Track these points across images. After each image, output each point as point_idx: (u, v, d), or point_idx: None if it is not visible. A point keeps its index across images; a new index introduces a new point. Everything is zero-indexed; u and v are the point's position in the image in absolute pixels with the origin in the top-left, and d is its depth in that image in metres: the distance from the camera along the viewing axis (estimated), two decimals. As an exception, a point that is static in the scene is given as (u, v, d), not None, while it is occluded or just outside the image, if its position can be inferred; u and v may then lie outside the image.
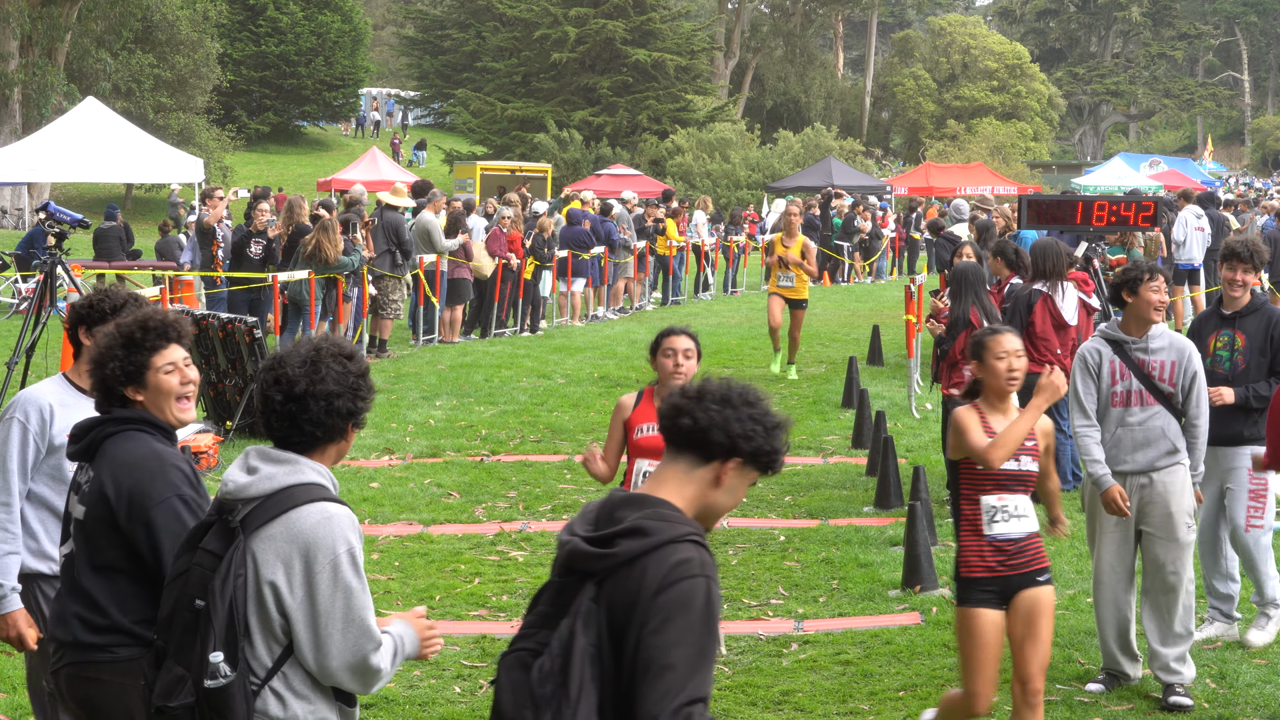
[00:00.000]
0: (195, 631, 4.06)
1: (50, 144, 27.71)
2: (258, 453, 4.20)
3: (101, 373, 4.89)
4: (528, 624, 3.77)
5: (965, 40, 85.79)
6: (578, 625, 3.62)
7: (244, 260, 19.84)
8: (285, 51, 63.99)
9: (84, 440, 4.88)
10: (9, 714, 7.60)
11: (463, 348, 22.20)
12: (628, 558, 3.64)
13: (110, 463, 4.81)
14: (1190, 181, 57.37)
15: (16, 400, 5.68)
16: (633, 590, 3.61)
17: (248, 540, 4.08)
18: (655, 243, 30.65)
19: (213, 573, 4.07)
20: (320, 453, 4.22)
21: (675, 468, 3.82)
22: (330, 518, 4.11)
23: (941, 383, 11.99)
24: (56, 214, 14.94)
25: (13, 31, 42.38)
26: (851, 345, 22.10)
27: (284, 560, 4.06)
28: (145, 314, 5.01)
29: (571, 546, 3.72)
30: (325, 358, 4.21)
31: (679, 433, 3.80)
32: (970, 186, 53.76)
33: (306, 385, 4.15)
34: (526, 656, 3.69)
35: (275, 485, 4.11)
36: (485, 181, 46.42)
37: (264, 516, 4.08)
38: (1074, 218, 14.67)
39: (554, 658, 3.61)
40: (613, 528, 3.70)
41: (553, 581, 3.79)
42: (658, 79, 63.22)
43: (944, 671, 8.26)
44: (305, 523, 4.08)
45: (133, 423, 4.88)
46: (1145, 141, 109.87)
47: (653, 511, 3.70)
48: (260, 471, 4.14)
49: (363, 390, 4.25)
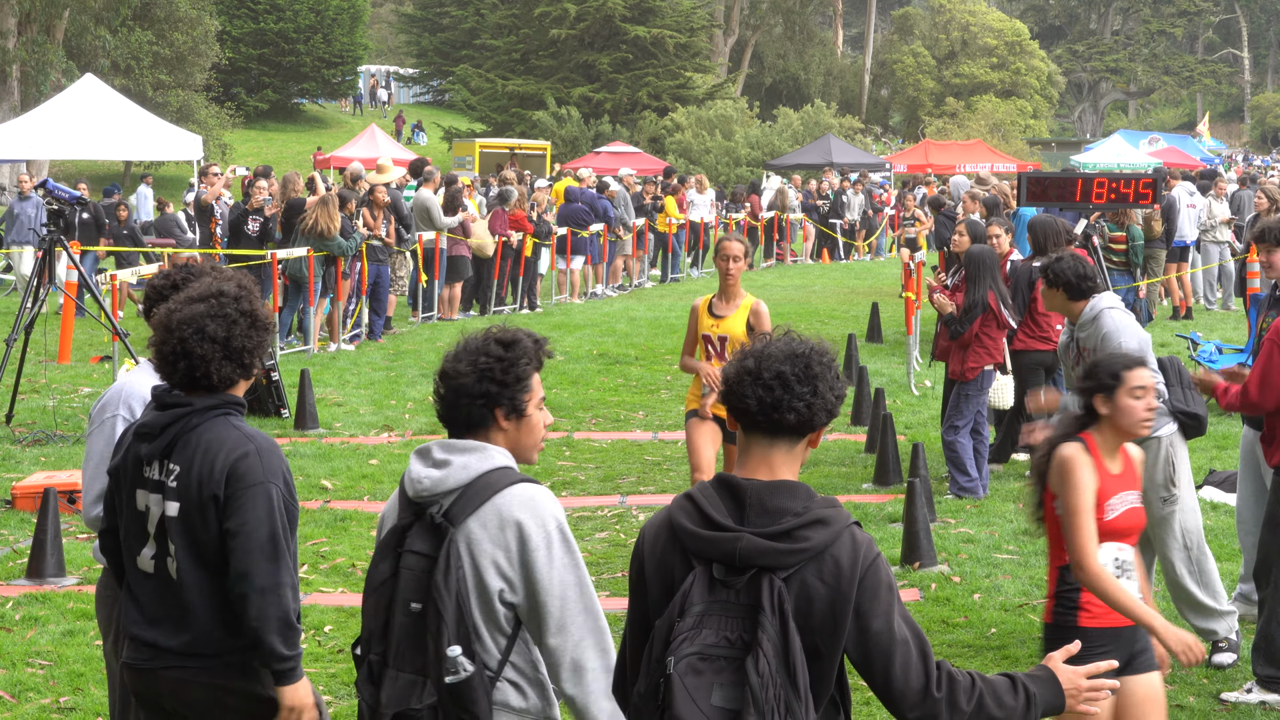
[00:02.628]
0: (421, 633, 3.97)
1: (49, 121, 27.70)
2: (441, 446, 4.13)
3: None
4: (682, 628, 3.60)
5: (965, 17, 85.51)
6: (789, 624, 3.56)
7: (242, 238, 19.82)
8: (284, 29, 63.80)
9: (163, 436, 4.71)
10: (9, 690, 7.62)
11: (462, 324, 22.18)
12: (819, 550, 3.63)
13: (205, 452, 4.64)
14: (1189, 159, 57.42)
15: (116, 395, 5.50)
16: (829, 582, 3.61)
17: (458, 531, 4.01)
18: (654, 220, 30.63)
19: (425, 573, 3.98)
20: (480, 436, 4.16)
21: (778, 448, 3.77)
22: (534, 498, 4.06)
23: (951, 366, 11.94)
24: (54, 191, 14.92)
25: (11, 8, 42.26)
26: (850, 322, 22.10)
27: (501, 546, 4.01)
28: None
29: (747, 543, 3.60)
30: (472, 345, 4.21)
31: (783, 426, 3.74)
32: (970, 164, 53.67)
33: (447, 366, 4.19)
34: (697, 661, 3.56)
35: (471, 474, 4.06)
36: (484, 159, 46.37)
37: (470, 506, 4.02)
38: (1073, 195, 14.67)
39: (771, 658, 3.52)
40: (784, 519, 3.64)
41: (695, 580, 3.65)
42: (657, 56, 63.07)
43: (943, 648, 8.27)
44: (513, 505, 4.03)
45: (217, 409, 4.73)
46: (1145, 119, 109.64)
47: (820, 499, 3.71)
48: (452, 463, 4.07)
49: (497, 373, 4.17)
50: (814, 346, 3.79)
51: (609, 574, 9.82)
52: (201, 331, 4.64)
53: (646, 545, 3.83)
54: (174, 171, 47.54)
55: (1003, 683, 3.79)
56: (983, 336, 11.64)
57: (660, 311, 24.40)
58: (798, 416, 3.71)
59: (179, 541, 4.64)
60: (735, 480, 3.73)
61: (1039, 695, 3.83)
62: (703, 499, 3.72)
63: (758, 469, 3.75)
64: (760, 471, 3.75)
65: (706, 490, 3.74)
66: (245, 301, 4.74)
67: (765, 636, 3.52)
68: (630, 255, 29.90)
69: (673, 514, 3.77)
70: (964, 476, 11.72)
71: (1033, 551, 10.20)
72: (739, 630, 3.57)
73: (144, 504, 4.74)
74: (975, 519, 11.11)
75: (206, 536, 4.62)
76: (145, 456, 4.71)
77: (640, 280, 30.40)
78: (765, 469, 3.75)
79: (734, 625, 3.58)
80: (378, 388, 16.56)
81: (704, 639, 3.57)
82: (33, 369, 15.40)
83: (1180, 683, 7.81)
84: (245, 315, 4.71)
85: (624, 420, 15.21)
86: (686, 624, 3.59)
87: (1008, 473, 12.59)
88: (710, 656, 3.56)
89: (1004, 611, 8.95)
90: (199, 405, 4.69)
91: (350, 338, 19.76)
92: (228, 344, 4.67)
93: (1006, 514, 11.22)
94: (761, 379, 3.71)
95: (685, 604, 3.62)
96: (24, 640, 8.35)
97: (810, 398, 3.71)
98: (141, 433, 4.74)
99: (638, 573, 3.84)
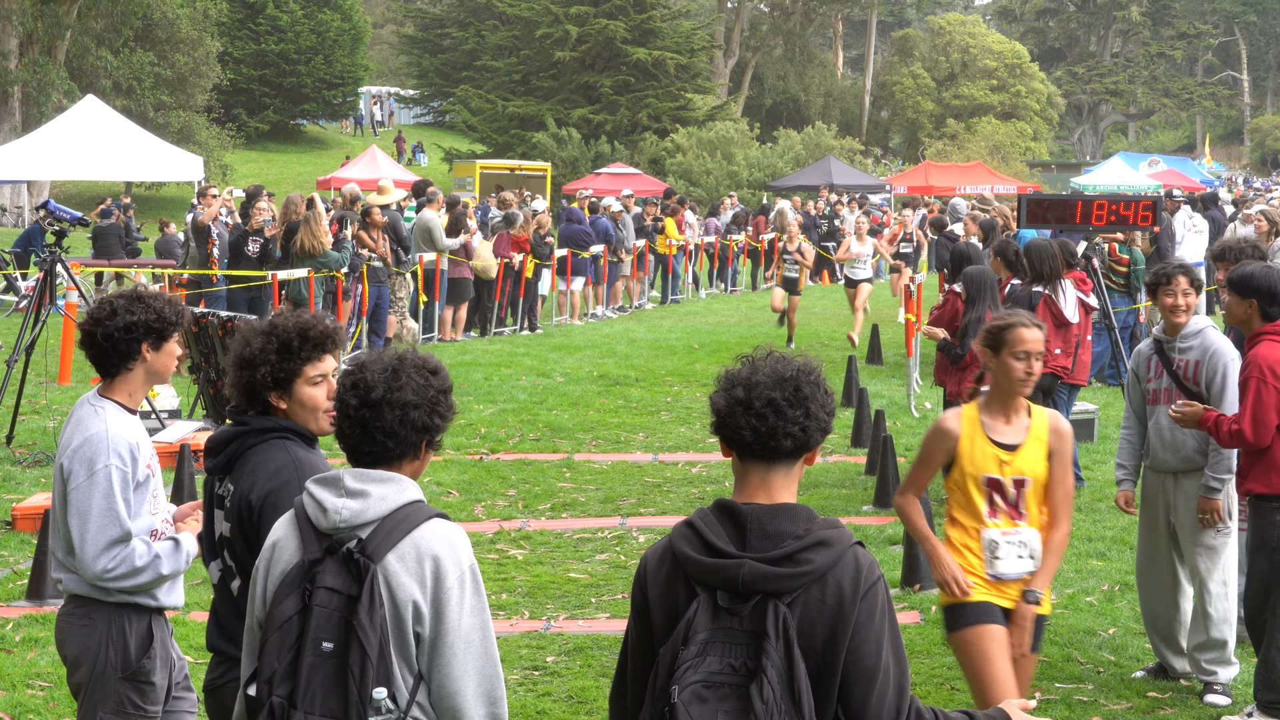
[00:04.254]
0: (335, 675, 3.79)
1: (50, 142, 27.75)
2: (354, 475, 3.97)
3: (251, 376, 4.75)
4: (686, 656, 3.58)
5: (964, 39, 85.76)
6: (794, 649, 3.55)
7: (241, 259, 19.84)
8: (285, 50, 64.00)
9: (223, 453, 4.77)
10: (9, 711, 7.61)
11: (462, 346, 22.20)
12: (822, 572, 3.62)
13: (251, 474, 4.69)
14: (1189, 181, 57.47)
15: (101, 444, 5.34)
16: (831, 604, 3.60)
17: (378, 567, 3.86)
18: (655, 241, 30.65)
19: (340, 611, 3.81)
20: (394, 467, 4.02)
21: (776, 472, 3.76)
22: (450, 536, 3.95)
23: (949, 388, 11.96)
24: (56, 212, 14.94)
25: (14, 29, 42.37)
26: (850, 344, 22.10)
27: (418, 580, 3.87)
28: (306, 321, 4.82)
29: (750, 569, 3.59)
30: (408, 368, 4.06)
31: (780, 452, 3.73)
32: (970, 186, 53.75)
33: (384, 392, 3.98)
34: (701, 689, 3.54)
35: (390, 506, 3.92)
36: (484, 180, 46.41)
37: (389, 541, 3.87)
38: (1073, 217, 14.68)
39: (775, 685, 3.50)
40: (785, 543, 3.63)
41: (699, 607, 3.63)
42: (658, 78, 63.19)
43: (944, 670, 8.27)
44: (432, 541, 3.91)
45: (273, 431, 4.75)
46: (1144, 141, 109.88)
47: (821, 520, 3.70)
48: (370, 494, 3.93)
49: (441, 407, 4.05)
50: (800, 367, 3.78)
51: (609, 595, 9.80)
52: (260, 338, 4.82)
53: (649, 573, 3.81)
54: (175, 192, 47.62)
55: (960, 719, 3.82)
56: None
57: (660, 333, 24.41)
58: (794, 441, 3.72)
59: (235, 559, 4.75)
60: (735, 505, 3.72)
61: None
62: (703, 526, 3.71)
63: (756, 493, 3.75)
64: (759, 495, 3.75)
65: (707, 517, 3.73)
66: (301, 316, 4.89)
67: (770, 663, 3.52)
68: (630, 277, 29.93)
69: (674, 541, 3.76)
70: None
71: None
72: (743, 657, 3.56)
73: (211, 521, 4.90)
74: (975, 541, 11.08)
75: (249, 559, 4.62)
76: (206, 469, 4.86)
77: (641, 302, 30.42)
78: (764, 493, 3.75)
79: (738, 652, 3.57)
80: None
81: (708, 666, 3.56)
82: (33, 390, 15.40)
83: (1180, 706, 7.81)
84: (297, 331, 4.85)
85: (624, 442, 15.20)
86: (691, 652, 3.58)
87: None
88: (715, 684, 3.55)
89: (1004, 634, 8.93)
90: (255, 426, 4.76)
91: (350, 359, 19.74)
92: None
93: (1007, 536, 11.19)
94: (754, 408, 3.71)
95: (689, 632, 3.60)
96: (24, 662, 8.34)
97: (804, 420, 3.72)
98: (209, 446, 4.86)
99: (640, 600, 3.82)
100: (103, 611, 5.38)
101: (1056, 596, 9.66)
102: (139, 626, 5.41)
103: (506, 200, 26.22)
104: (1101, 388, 17.96)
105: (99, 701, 5.37)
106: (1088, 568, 10.37)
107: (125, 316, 5.40)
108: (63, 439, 5.53)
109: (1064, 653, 8.63)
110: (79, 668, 5.40)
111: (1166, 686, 8.13)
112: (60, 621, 5.51)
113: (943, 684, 8.08)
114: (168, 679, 5.50)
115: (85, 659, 5.38)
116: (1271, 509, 7.42)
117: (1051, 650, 8.63)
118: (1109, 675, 8.31)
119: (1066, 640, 8.83)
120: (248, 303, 19.37)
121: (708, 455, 14.46)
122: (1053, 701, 7.86)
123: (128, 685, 5.39)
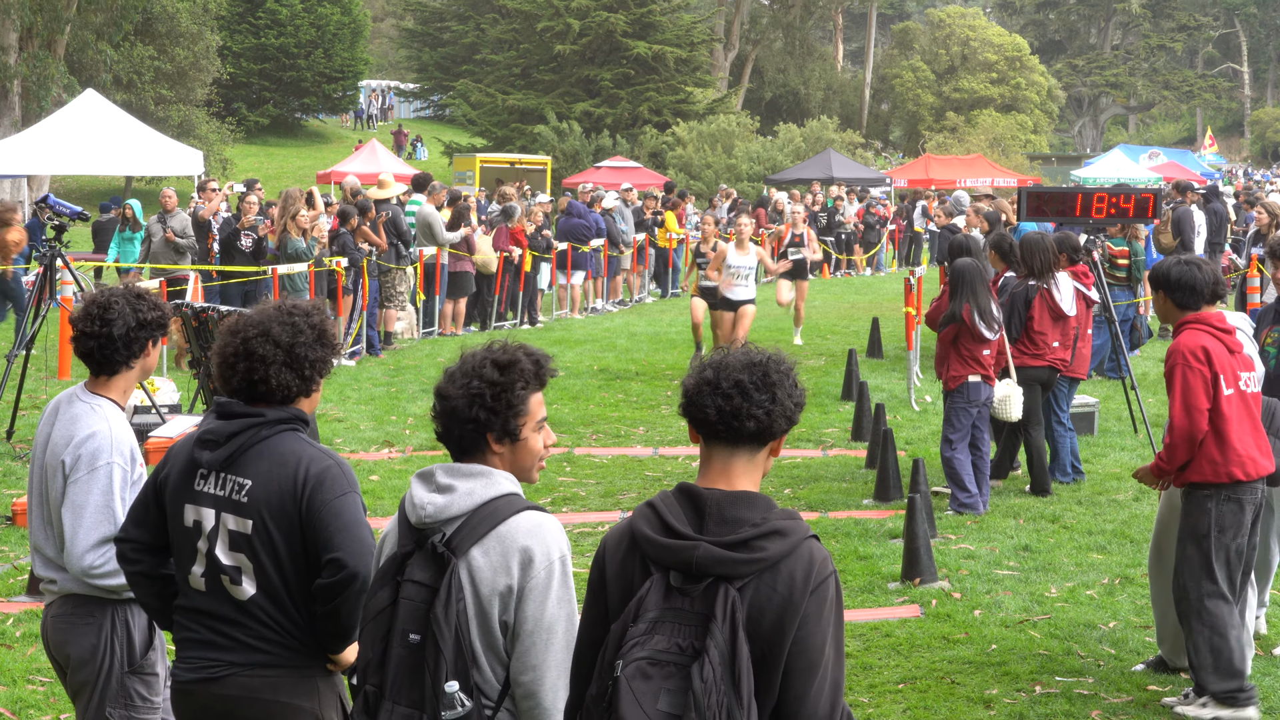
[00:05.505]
0: (419, 666, 3.91)
1: (50, 136, 27.71)
2: (445, 470, 4.06)
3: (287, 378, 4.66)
4: (635, 633, 3.64)
5: (965, 32, 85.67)
6: (739, 633, 3.58)
7: (235, 254, 19.84)
8: (285, 44, 63.93)
9: (227, 445, 4.57)
10: (9, 707, 7.62)
11: (463, 340, 22.19)
12: (774, 561, 3.65)
13: (280, 465, 4.54)
14: (1190, 173, 57.42)
15: (107, 443, 5.35)
16: (782, 592, 3.63)
17: (461, 561, 3.94)
18: (654, 235, 30.65)
19: (425, 604, 3.92)
20: (481, 458, 4.11)
21: (739, 458, 3.80)
22: (541, 525, 3.99)
23: (940, 376, 12.07)
24: (55, 206, 14.93)
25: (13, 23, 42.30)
26: (851, 338, 22.10)
27: (505, 572, 3.92)
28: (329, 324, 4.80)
29: (704, 551, 3.63)
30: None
31: (742, 434, 3.77)
32: (970, 178, 53.73)
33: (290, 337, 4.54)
34: (646, 666, 3.59)
35: (476, 501, 3.99)
36: (485, 174, 46.38)
37: (474, 535, 3.95)
38: (1073, 210, 14.67)
39: (716, 666, 3.55)
40: (742, 529, 3.67)
41: (652, 586, 3.69)
42: (658, 71, 63.13)
43: (944, 664, 8.27)
44: (518, 533, 3.95)
45: (287, 422, 4.63)
46: (1145, 133, 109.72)
47: (779, 510, 3.74)
48: (457, 489, 4.00)
49: (499, 400, 4.08)
50: (771, 356, 3.84)
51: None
52: (266, 334, 4.58)
53: (608, 552, 3.86)
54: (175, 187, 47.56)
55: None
56: (960, 348, 11.71)
57: (660, 327, 24.41)
58: (757, 424, 3.76)
59: (255, 558, 4.53)
60: (696, 489, 3.77)
61: None
62: (664, 507, 3.76)
63: (717, 478, 3.80)
64: (720, 481, 3.79)
65: (668, 499, 3.78)
66: (316, 316, 4.70)
67: (714, 644, 3.56)
68: (630, 270, 29.92)
69: (634, 522, 3.80)
70: (963, 493, 11.72)
71: (1033, 568, 10.21)
72: (690, 637, 3.61)
73: (192, 519, 4.62)
74: (976, 535, 11.11)
75: (289, 551, 4.53)
76: (205, 464, 4.59)
77: (640, 295, 30.42)
78: (724, 479, 3.79)
79: (686, 633, 3.62)
80: (378, 403, 16.56)
81: (655, 644, 3.60)
82: (34, 385, 15.40)
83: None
84: (313, 328, 4.66)
85: (624, 436, 15.20)
86: (639, 629, 3.63)
87: (1008, 488, 12.58)
88: (660, 662, 3.59)
89: (1004, 628, 8.94)
90: (270, 417, 4.59)
91: (350, 354, 19.76)
92: (291, 350, 4.59)
93: (1007, 530, 11.21)
94: (720, 388, 3.76)
95: (640, 609, 3.66)
96: (25, 657, 8.35)
97: (769, 405, 3.76)
98: (205, 439, 4.60)
99: (598, 578, 3.86)
100: (104, 609, 5.37)
101: (1057, 590, 9.67)
102: (141, 620, 5.40)
103: (506, 194, 26.20)
104: (1102, 381, 17.96)
105: (108, 699, 5.33)
106: (1088, 561, 10.38)
107: (139, 315, 5.42)
108: (53, 434, 5.49)
109: (1064, 646, 8.63)
110: (84, 667, 5.35)
111: (1167, 680, 8.13)
112: (56, 623, 5.43)
113: (943, 678, 8.09)
114: (165, 669, 5.49)
115: (92, 658, 5.34)
116: (1203, 496, 7.45)
117: (1052, 644, 8.64)
118: (1109, 669, 8.31)
119: (1067, 633, 8.83)
120: (242, 297, 19.37)
121: (708, 449, 14.46)
122: (1053, 695, 7.86)
123: (135, 679, 5.39)
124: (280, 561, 4.53)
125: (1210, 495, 7.42)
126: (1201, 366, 7.37)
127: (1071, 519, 11.55)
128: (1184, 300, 7.59)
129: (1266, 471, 7.53)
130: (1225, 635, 7.43)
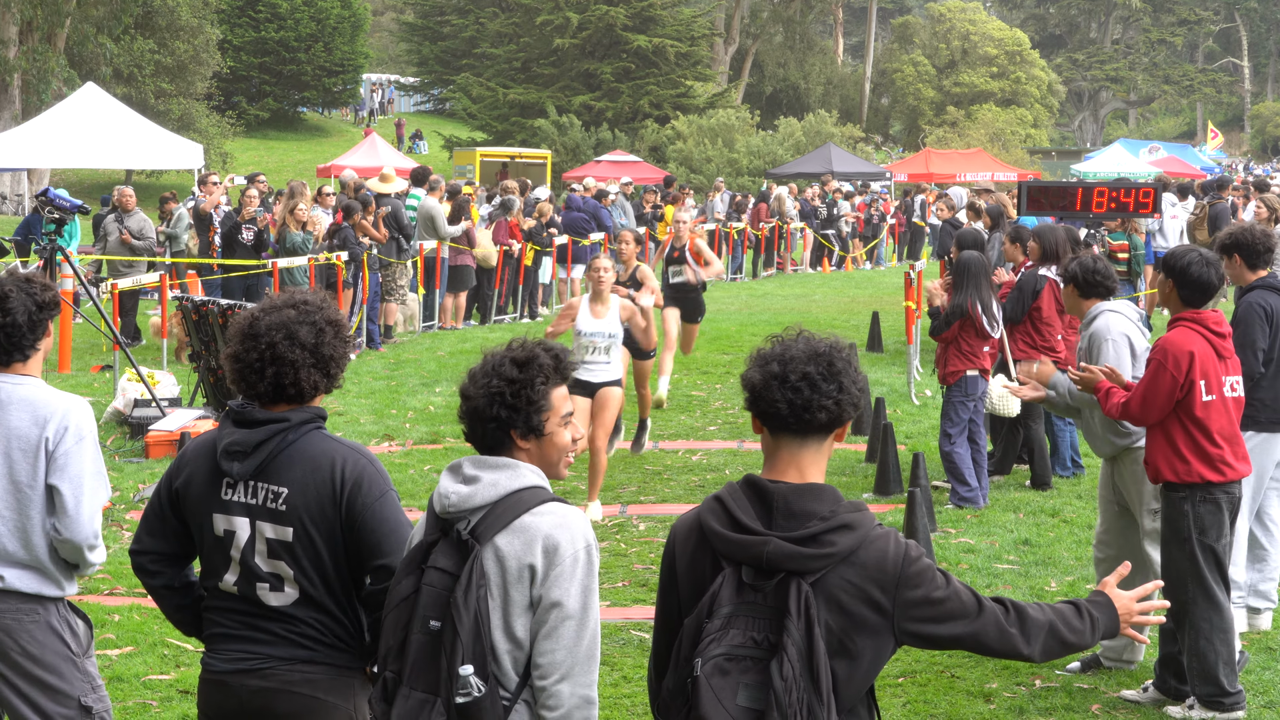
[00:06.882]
0: (436, 652, 3.92)
1: (50, 129, 27.70)
2: (472, 462, 4.08)
3: (311, 376, 4.62)
4: (711, 629, 3.66)
5: (965, 26, 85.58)
6: (815, 628, 3.61)
7: (237, 247, 19.85)
8: (285, 37, 63.90)
9: (256, 454, 4.51)
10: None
11: (463, 334, 22.19)
12: (845, 554, 3.68)
13: (314, 469, 4.50)
14: (1190, 168, 57.43)
15: (76, 411, 5.33)
16: (859, 583, 3.68)
17: (485, 549, 3.96)
18: (655, 229, 30.63)
19: (447, 590, 3.93)
20: (509, 454, 4.10)
21: (808, 448, 3.83)
22: (566, 515, 4.01)
23: (939, 371, 12.08)
24: (55, 200, 14.93)
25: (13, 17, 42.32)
26: (851, 332, 22.11)
27: (530, 559, 3.93)
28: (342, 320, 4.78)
29: (774, 547, 3.65)
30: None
31: (813, 426, 3.80)
32: (970, 173, 53.71)
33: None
34: (723, 662, 3.62)
35: (500, 491, 4.00)
36: (485, 167, 46.39)
37: (498, 524, 3.96)
38: (1074, 204, 14.67)
39: (795, 663, 3.57)
40: (810, 523, 3.69)
41: (724, 582, 3.71)
42: (658, 65, 63.15)
43: (943, 658, 8.28)
44: (543, 523, 3.97)
45: (311, 421, 4.58)
46: (1145, 128, 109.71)
47: (846, 503, 3.76)
48: (481, 480, 4.02)
49: (519, 397, 4.11)
50: (832, 344, 3.86)
51: (609, 583, 9.82)
52: (292, 337, 4.51)
53: (678, 545, 3.90)
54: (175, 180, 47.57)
55: (1069, 610, 3.97)
56: (961, 342, 11.72)
57: (659, 321, 24.37)
58: (828, 414, 3.79)
59: (297, 564, 4.50)
60: (763, 483, 3.78)
61: (1101, 620, 4.00)
62: (731, 502, 3.77)
63: (787, 470, 3.82)
64: (790, 473, 3.81)
65: (735, 493, 3.80)
66: (330, 310, 4.66)
67: (790, 640, 3.58)
68: (630, 264, 29.86)
69: (702, 515, 3.83)
70: (963, 486, 11.73)
71: (1033, 562, 10.21)
72: (765, 631, 3.63)
73: (223, 529, 4.56)
74: (976, 529, 11.12)
75: (331, 554, 4.51)
76: (235, 475, 4.52)
77: (641, 289, 30.36)
78: (795, 471, 3.81)
79: (760, 625, 3.64)
80: (378, 397, 16.55)
81: (731, 639, 3.63)
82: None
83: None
84: (332, 324, 4.62)
85: (625, 430, 15.19)
86: (714, 625, 3.66)
87: (1008, 483, 12.59)
88: (736, 657, 3.62)
89: (1004, 621, 8.93)
90: (295, 420, 4.54)
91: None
92: (317, 350, 4.54)
93: (1007, 524, 11.22)
94: (789, 382, 3.78)
95: (714, 605, 3.68)
96: None
97: (838, 394, 3.79)
98: (232, 450, 4.51)
99: (669, 572, 3.90)
100: (49, 606, 5.36)
101: (1057, 584, 9.68)
102: (72, 612, 5.45)
103: (506, 187, 26.19)
104: (1102, 375, 17.94)
105: (82, 691, 5.36)
106: (1088, 555, 10.36)
107: (35, 298, 5.38)
108: (10, 421, 5.27)
109: (1064, 640, 8.62)
110: (43, 665, 5.32)
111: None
112: (6, 623, 5.32)
113: (943, 672, 8.10)
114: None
115: (53, 656, 5.33)
116: (1180, 498, 7.43)
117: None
118: (1109, 662, 8.31)
119: (1066, 627, 8.82)
120: (244, 290, 19.37)
121: (708, 443, 14.47)
122: (1053, 689, 7.87)
123: (92, 663, 5.46)
124: (323, 565, 4.51)
125: (1186, 497, 7.41)
126: (1177, 372, 7.37)
127: (1071, 513, 11.56)
128: (1191, 298, 7.58)
129: (1242, 475, 7.54)
130: (1212, 639, 7.42)
